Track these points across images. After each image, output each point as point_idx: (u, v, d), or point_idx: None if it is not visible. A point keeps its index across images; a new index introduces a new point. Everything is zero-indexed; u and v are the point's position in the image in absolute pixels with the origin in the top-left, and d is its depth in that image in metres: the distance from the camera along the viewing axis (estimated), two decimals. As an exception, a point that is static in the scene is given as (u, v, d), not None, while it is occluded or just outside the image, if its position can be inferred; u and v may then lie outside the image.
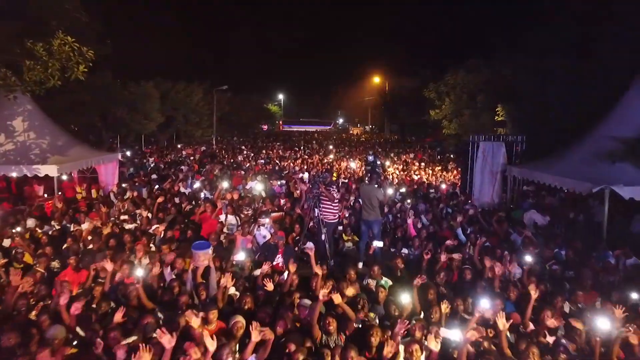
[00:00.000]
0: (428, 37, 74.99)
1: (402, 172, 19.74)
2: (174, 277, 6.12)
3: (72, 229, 9.53)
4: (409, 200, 10.70)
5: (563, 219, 11.85)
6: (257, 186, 10.77)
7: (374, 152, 23.46)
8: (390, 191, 11.24)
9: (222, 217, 8.98)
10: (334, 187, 7.91)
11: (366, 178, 7.75)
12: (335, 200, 7.65)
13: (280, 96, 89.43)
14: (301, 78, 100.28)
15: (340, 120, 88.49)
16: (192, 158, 24.79)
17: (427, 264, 6.68)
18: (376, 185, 7.67)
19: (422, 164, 23.32)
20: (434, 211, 10.85)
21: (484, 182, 15.26)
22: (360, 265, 7.60)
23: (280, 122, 75.34)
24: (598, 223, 10.76)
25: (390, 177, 17.86)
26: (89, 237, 8.29)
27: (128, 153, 22.89)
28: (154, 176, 16.52)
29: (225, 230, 8.91)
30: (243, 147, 31.67)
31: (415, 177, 18.36)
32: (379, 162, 9.28)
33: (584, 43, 14.34)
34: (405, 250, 8.51)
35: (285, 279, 6.02)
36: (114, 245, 7.95)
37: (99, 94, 22.07)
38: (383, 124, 57.69)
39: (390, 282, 6.21)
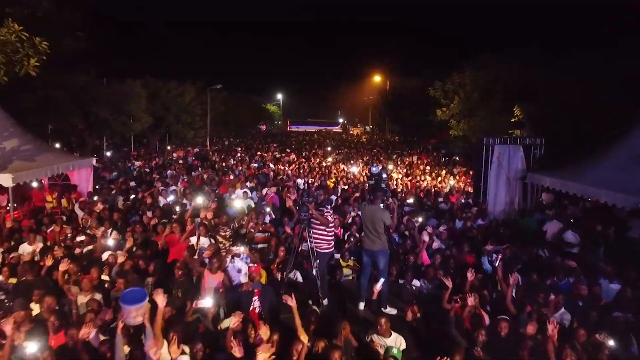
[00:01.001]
0: (431, 33, 73.38)
1: (406, 178, 18.09)
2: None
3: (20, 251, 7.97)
4: (420, 219, 8.99)
5: (589, 232, 10.22)
6: (237, 203, 9.02)
7: (378, 162, 21.79)
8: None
9: (194, 240, 7.37)
10: (329, 207, 6.25)
11: (369, 196, 6.05)
12: (331, 225, 6.02)
13: (279, 96, 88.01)
14: (300, 77, 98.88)
15: (340, 120, 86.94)
16: (180, 162, 23.16)
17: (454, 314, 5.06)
18: (382, 206, 6.00)
19: (427, 167, 21.69)
20: (451, 230, 9.24)
21: (499, 190, 13.67)
22: (362, 306, 5.98)
23: (288, 122, 74.18)
24: (632, 239, 9.25)
25: (395, 183, 16.25)
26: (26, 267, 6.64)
27: (109, 154, 21.31)
28: (132, 183, 14.86)
29: (196, 256, 7.33)
30: (238, 149, 29.98)
31: (421, 183, 16.73)
32: (385, 176, 7.61)
33: (613, 35, 12.72)
34: (417, 283, 6.89)
35: (261, 338, 4.41)
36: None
37: (78, 93, 20.46)
38: (384, 124, 55.99)
39: (403, 345, 4.60)
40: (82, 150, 23.48)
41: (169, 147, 29.50)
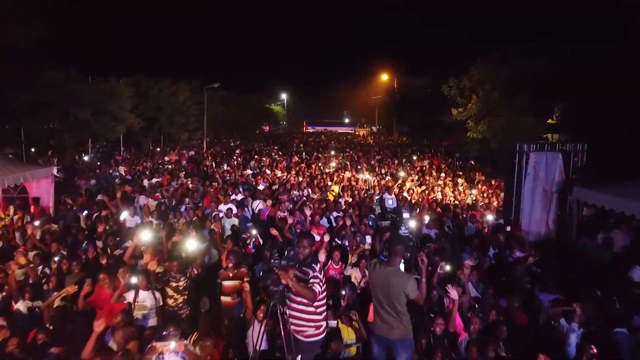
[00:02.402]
0: (443, 27, 70.59)
1: (418, 187, 15.75)
2: None
3: None
4: (448, 267, 6.34)
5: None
6: (189, 245, 6.58)
7: (387, 167, 19.18)
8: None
9: (130, 296, 5.19)
10: (315, 269, 3.90)
11: (383, 250, 3.78)
12: (321, 296, 3.77)
13: (284, 95, 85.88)
14: (304, 77, 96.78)
15: (346, 121, 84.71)
16: (169, 167, 21.02)
17: None
18: (402, 266, 3.74)
19: (442, 173, 19.34)
20: (485, 268, 6.95)
21: (534, 207, 11.40)
22: None
23: (305, 123, 74.45)
24: None
25: (409, 196, 13.95)
26: None
27: (86, 158, 19.28)
28: (99, 197, 12.70)
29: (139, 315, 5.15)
30: (238, 152, 27.73)
31: (436, 194, 14.39)
32: (407, 214, 5.33)
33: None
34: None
35: None
36: None
37: (55, 92, 18.47)
38: (391, 125, 53.59)
39: None
40: (62, 154, 21.49)
41: (158, 150, 27.35)
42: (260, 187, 15.16)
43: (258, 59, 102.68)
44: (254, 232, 9.38)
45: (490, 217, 11.46)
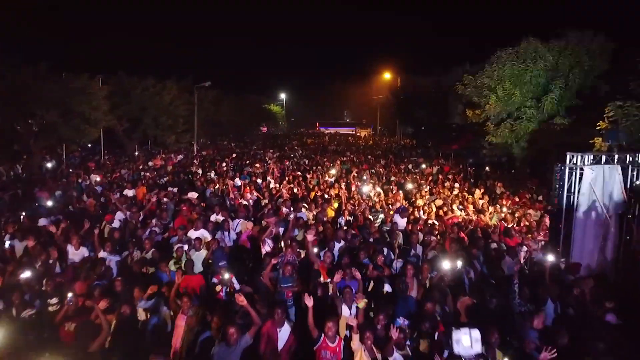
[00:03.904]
0: (450, 19, 67.89)
1: (432, 202, 13.32)
2: None
3: None
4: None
5: None
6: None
7: (395, 174, 16.55)
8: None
9: None
10: None
11: None
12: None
13: (283, 95, 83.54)
14: (303, 76, 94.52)
15: (347, 121, 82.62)
16: (147, 174, 18.61)
17: None
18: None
19: (456, 183, 16.88)
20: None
21: (586, 232, 9.06)
22: None
23: (317, 123, 77.80)
24: None
25: (423, 214, 11.54)
26: None
27: (49, 165, 16.91)
28: (46, 220, 10.25)
29: None
30: (228, 158, 25.25)
31: (458, 212, 11.94)
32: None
33: None
34: None
35: None
36: None
37: (18, 90, 16.17)
38: (394, 126, 51.21)
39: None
40: (28, 160, 19.11)
41: (136, 153, 24.95)
42: (246, 202, 12.81)
43: (256, 59, 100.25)
44: (227, 275, 7.02)
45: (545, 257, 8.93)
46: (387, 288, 7.13)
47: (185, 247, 8.38)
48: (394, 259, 8.34)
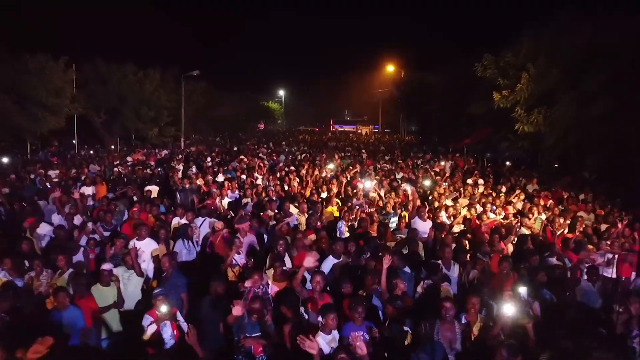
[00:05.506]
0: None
1: (457, 203, 10.65)
2: None
3: None
4: None
5: None
6: None
7: (402, 170, 13.76)
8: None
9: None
10: None
11: None
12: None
13: (281, 92, 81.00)
14: (302, 73, 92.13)
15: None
16: (118, 169, 16.04)
17: None
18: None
19: (480, 179, 14.17)
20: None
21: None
22: None
23: (332, 121, 74.22)
24: None
25: (449, 215, 8.93)
26: None
27: (5, 160, 14.35)
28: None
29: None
30: (212, 155, 22.66)
31: (491, 216, 9.27)
32: None
33: None
34: None
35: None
36: None
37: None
38: (398, 123, 48.57)
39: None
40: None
41: (113, 147, 22.35)
42: (222, 201, 10.18)
43: (253, 54, 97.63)
44: (165, 309, 4.46)
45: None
46: (407, 328, 4.60)
47: (113, 268, 5.67)
48: (419, 282, 5.78)
